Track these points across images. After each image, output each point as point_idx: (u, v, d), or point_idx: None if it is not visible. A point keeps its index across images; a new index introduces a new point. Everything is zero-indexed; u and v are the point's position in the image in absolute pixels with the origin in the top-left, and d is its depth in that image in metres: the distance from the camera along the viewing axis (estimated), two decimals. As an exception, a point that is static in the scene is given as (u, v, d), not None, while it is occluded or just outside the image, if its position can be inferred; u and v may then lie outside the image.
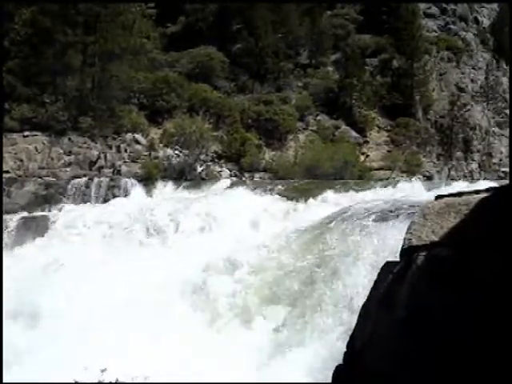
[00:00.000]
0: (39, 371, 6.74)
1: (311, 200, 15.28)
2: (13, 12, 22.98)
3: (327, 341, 7.69)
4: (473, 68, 38.84)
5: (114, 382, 4.57)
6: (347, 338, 2.37)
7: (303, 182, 19.38)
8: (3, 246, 15.04)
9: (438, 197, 2.28)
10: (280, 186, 17.77)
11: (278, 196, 16.26)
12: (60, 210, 17.43)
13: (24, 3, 23.28)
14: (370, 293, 2.40)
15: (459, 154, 34.64)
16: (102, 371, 4.58)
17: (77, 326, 8.64)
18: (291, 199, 15.75)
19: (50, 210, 17.45)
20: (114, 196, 18.42)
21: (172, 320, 9.25)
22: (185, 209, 15.12)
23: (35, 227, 16.04)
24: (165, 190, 19.31)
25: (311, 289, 9.19)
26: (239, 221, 13.81)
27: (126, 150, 22.19)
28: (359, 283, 8.35)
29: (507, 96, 36.88)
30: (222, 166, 23.65)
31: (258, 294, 9.85)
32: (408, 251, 2.14)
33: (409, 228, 2.20)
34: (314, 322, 8.46)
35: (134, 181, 19.43)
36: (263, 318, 9.26)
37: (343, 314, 8.13)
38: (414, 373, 1.88)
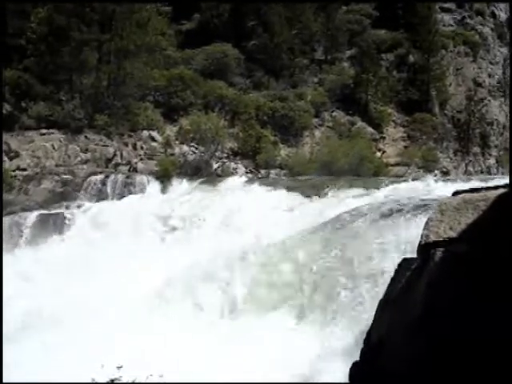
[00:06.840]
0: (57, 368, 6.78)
1: (328, 196, 15.13)
2: (29, 10, 23.17)
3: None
4: (490, 62, 38.48)
5: (130, 382, 4.58)
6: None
7: (319, 178, 19.21)
8: (20, 242, 15.19)
9: (456, 193, 2.25)
10: (296, 183, 17.68)
11: (293, 192, 16.11)
12: (78, 207, 17.51)
13: (40, 2, 23.42)
14: (387, 289, 2.38)
15: (476, 149, 34.39)
16: (119, 368, 4.59)
17: (97, 323, 8.68)
18: (307, 195, 15.59)
19: (67, 207, 17.54)
20: (130, 193, 18.48)
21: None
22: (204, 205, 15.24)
23: (53, 224, 16.15)
24: (181, 186, 19.32)
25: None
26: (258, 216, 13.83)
27: (141, 147, 22.24)
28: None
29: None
30: (237, 163, 23.61)
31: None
32: (425, 247, 2.12)
33: (426, 224, 2.18)
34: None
35: (149, 177, 19.47)
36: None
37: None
38: (430, 372, 1.86)
